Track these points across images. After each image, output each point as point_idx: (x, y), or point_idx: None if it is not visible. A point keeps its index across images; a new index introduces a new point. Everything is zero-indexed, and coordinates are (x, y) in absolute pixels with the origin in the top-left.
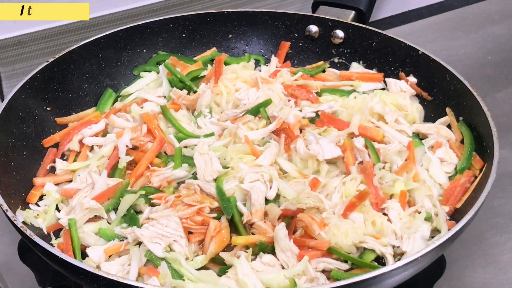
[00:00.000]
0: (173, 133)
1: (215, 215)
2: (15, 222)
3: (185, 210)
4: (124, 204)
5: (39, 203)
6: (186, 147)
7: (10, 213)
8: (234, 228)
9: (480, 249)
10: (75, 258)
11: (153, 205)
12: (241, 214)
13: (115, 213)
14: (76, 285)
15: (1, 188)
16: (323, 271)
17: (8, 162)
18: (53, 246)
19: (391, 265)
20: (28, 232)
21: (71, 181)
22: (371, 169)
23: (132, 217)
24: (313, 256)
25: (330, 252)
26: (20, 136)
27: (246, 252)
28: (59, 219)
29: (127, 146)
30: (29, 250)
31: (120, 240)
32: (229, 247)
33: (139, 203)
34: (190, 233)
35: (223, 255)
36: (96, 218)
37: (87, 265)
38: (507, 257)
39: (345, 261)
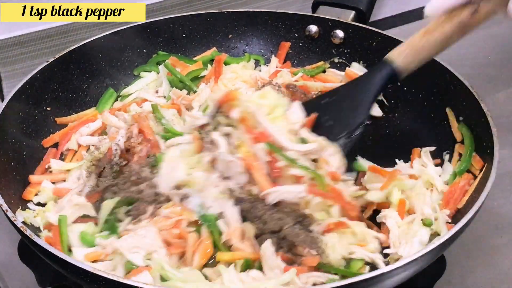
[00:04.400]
0: (161, 132)
1: (194, 229)
2: (15, 222)
3: (163, 221)
4: (104, 210)
5: (34, 198)
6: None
7: (10, 213)
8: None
9: (480, 249)
10: None
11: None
12: (220, 233)
13: None
14: (76, 285)
15: (1, 188)
16: (314, 285)
17: (8, 162)
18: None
19: (391, 265)
20: (28, 232)
21: None
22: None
23: (112, 226)
24: (301, 270)
25: (319, 267)
26: (20, 136)
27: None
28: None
29: (121, 149)
30: (29, 250)
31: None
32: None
33: (120, 211)
34: (170, 244)
35: (207, 271)
36: (85, 218)
37: (87, 265)
38: (507, 257)
39: (335, 273)
